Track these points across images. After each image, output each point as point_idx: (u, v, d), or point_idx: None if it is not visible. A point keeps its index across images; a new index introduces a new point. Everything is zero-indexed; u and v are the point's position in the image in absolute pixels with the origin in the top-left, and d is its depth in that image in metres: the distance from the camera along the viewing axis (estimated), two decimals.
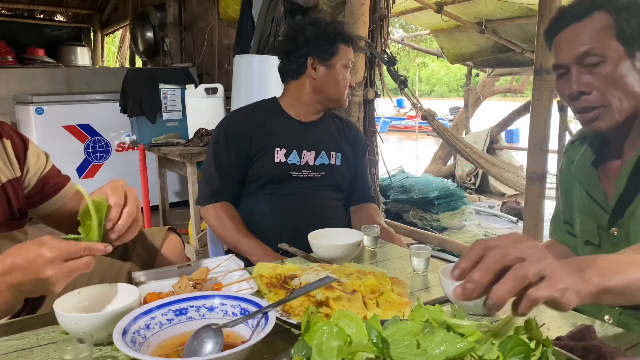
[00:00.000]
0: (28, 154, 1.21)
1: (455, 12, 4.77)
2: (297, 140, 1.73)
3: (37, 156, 1.23)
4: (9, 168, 1.17)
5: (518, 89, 8.16)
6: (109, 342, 0.85)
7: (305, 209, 1.70)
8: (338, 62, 1.71)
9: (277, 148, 1.69)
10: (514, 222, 4.74)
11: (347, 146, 1.84)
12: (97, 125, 4.54)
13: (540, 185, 2.48)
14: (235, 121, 1.76)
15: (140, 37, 6.41)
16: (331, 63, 1.71)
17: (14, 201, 1.16)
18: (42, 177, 1.23)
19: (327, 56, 1.70)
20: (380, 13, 3.16)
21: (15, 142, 1.19)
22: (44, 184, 1.24)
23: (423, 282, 1.20)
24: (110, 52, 10.47)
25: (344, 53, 1.72)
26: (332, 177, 1.76)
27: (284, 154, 1.70)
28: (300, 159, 1.72)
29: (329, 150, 1.77)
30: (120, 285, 0.99)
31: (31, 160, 1.22)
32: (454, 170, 6.50)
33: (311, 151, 1.74)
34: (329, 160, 1.77)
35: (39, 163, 1.24)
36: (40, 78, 5.00)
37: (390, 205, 4.33)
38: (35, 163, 1.23)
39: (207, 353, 0.76)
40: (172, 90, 3.82)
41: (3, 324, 0.96)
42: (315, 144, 1.74)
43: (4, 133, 1.18)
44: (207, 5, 5.19)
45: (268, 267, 1.14)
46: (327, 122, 1.83)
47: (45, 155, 1.27)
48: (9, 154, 1.17)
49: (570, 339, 0.80)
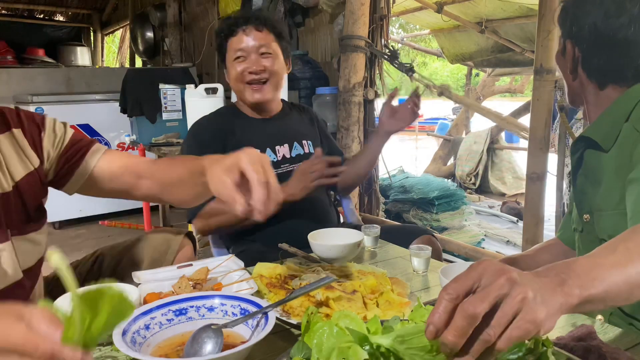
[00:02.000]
0: (43, 137, 1.13)
1: (455, 12, 4.77)
2: (266, 138, 1.73)
3: (54, 134, 1.15)
4: (24, 161, 1.09)
5: (518, 89, 8.16)
6: (109, 342, 0.84)
7: (295, 203, 1.71)
8: (229, 59, 1.71)
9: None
10: (514, 222, 4.73)
11: (312, 131, 1.86)
12: (97, 125, 4.54)
13: (540, 185, 2.48)
14: (205, 131, 1.74)
15: (140, 37, 6.42)
16: (227, 63, 1.73)
17: (30, 200, 1.10)
18: (62, 153, 1.16)
19: (223, 58, 1.73)
20: (380, 13, 3.16)
21: (27, 129, 1.11)
22: (65, 160, 1.16)
23: (423, 282, 1.20)
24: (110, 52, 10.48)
25: (232, 45, 1.69)
26: None
27: None
28: (276, 155, 1.73)
29: (300, 140, 1.78)
30: (120, 285, 0.98)
31: (47, 143, 1.14)
32: (454, 170, 6.50)
33: (284, 144, 1.75)
34: (303, 150, 1.78)
35: (57, 140, 1.15)
36: (40, 78, 5.01)
37: (390, 205, 4.32)
38: (53, 143, 1.15)
39: (207, 353, 0.76)
40: (172, 90, 3.82)
41: None
42: (286, 137, 1.75)
43: (12, 122, 1.10)
44: (207, 5, 5.19)
45: (268, 267, 1.14)
46: (289, 113, 1.85)
47: (62, 127, 1.18)
48: (22, 145, 1.09)
49: (570, 339, 0.80)
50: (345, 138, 3.19)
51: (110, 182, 1.18)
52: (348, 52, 3.11)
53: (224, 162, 0.93)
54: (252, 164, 0.89)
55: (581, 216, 1.18)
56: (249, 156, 0.91)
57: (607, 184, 1.08)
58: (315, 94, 3.43)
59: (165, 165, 1.22)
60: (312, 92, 3.47)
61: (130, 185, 1.19)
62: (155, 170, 1.19)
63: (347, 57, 3.11)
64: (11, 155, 1.08)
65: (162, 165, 1.22)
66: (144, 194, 1.21)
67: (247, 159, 0.90)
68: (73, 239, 4.20)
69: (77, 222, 4.52)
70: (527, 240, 2.54)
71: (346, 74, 3.13)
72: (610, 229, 1.05)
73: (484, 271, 0.58)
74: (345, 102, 3.16)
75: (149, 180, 1.19)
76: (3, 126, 1.08)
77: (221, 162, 0.93)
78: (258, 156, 0.92)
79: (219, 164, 0.93)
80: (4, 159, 1.06)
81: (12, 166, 1.07)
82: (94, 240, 4.17)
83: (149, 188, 1.20)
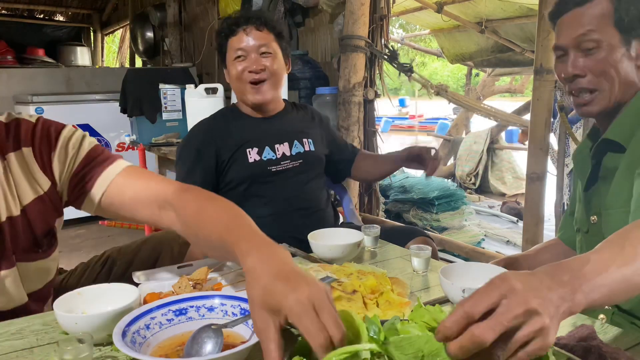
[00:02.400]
0: (53, 157, 1.03)
1: (455, 12, 4.77)
2: (266, 136, 1.75)
3: (66, 152, 1.04)
4: (32, 184, 1.02)
5: (518, 89, 8.16)
6: (109, 342, 0.84)
7: (293, 198, 1.73)
8: (229, 57, 1.72)
9: (248, 149, 1.71)
10: (514, 222, 4.73)
11: (314, 130, 1.87)
12: (97, 125, 4.54)
13: (540, 185, 2.48)
14: (196, 137, 1.76)
15: (140, 37, 6.41)
16: (227, 62, 1.73)
17: (39, 225, 1.02)
18: (75, 172, 1.05)
19: (223, 58, 1.74)
20: (380, 13, 3.16)
21: (38, 148, 1.02)
22: (78, 180, 1.05)
23: (423, 282, 1.20)
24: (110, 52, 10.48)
25: (232, 45, 1.71)
26: (310, 163, 1.80)
27: (257, 152, 1.72)
28: (275, 153, 1.74)
29: (300, 138, 1.80)
30: (120, 285, 0.98)
31: (57, 163, 1.04)
32: (454, 170, 6.50)
33: (284, 143, 1.76)
34: (304, 148, 1.80)
35: (69, 160, 1.05)
36: (40, 78, 5.00)
37: (390, 205, 4.32)
38: (65, 163, 1.04)
39: (207, 353, 0.76)
40: (172, 90, 3.81)
41: (3, 324, 0.96)
42: (286, 135, 1.77)
43: (25, 139, 1.01)
44: (207, 5, 5.19)
45: None
46: (290, 112, 1.86)
47: (77, 144, 1.05)
48: (30, 167, 1.01)
49: (570, 339, 0.80)
50: (345, 138, 3.19)
51: (122, 210, 1.07)
52: (348, 52, 3.11)
53: (270, 298, 0.69)
54: (302, 317, 0.66)
55: (588, 217, 1.17)
56: (298, 303, 0.66)
57: (617, 182, 1.08)
58: (315, 94, 3.43)
59: (196, 207, 1.00)
60: (312, 92, 3.47)
61: (148, 216, 1.05)
62: (182, 207, 1.01)
63: (347, 57, 3.11)
64: (20, 177, 1.01)
65: (191, 202, 1.01)
66: (169, 227, 1.05)
67: (295, 309, 0.66)
68: (73, 239, 4.20)
69: (77, 222, 4.52)
70: (527, 240, 2.54)
71: (346, 74, 3.13)
72: (618, 228, 1.05)
73: (506, 294, 0.58)
74: (345, 102, 3.16)
75: (173, 213, 1.02)
76: (15, 143, 1.01)
77: (268, 293, 0.70)
78: (311, 298, 0.67)
79: (264, 291, 0.71)
80: (14, 180, 1.00)
81: (21, 189, 1.01)
82: (94, 240, 4.17)
83: (171, 222, 1.04)
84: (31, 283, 1.05)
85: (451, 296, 0.99)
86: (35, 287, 1.06)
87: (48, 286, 1.10)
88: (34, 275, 1.05)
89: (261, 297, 0.70)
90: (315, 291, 0.68)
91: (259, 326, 0.69)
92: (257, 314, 0.70)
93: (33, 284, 1.05)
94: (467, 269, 1.07)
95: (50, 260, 1.07)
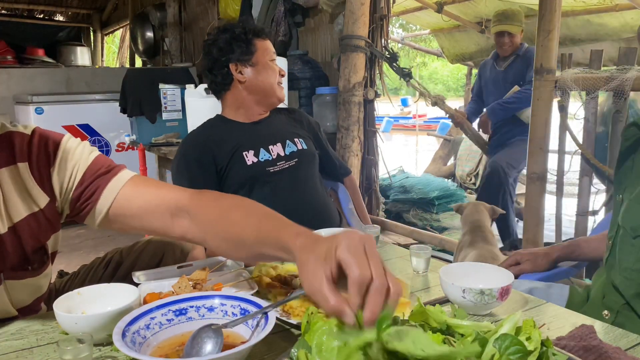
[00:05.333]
0: (52, 172, 0.98)
1: (456, 12, 4.77)
2: (259, 139, 1.79)
3: (65, 166, 1.00)
4: (26, 201, 0.97)
5: None
6: (109, 342, 0.84)
7: (294, 197, 1.76)
8: (261, 57, 1.77)
9: (244, 152, 1.74)
10: None
11: (303, 131, 1.93)
12: (97, 125, 4.55)
13: (540, 185, 2.48)
14: (192, 149, 1.77)
15: (140, 37, 6.42)
16: (254, 61, 1.76)
17: (29, 243, 0.98)
18: (76, 186, 1.00)
19: (248, 56, 1.76)
20: (380, 13, 3.16)
21: (35, 162, 0.97)
22: (80, 194, 1.01)
23: (423, 282, 1.20)
24: (110, 52, 10.48)
25: (263, 47, 1.78)
26: (306, 160, 1.84)
27: (253, 154, 1.75)
28: (271, 154, 1.78)
29: (292, 138, 1.84)
30: (120, 285, 0.98)
31: (56, 179, 0.99)
32: (454, 170, 6.49)
33: (277, 144, 1.80)
34: (297, 147, 1.83)
35: (68, 174, 1.00)
36: (40, 78, 5.01)
37: (390, 205, 4.32)
38: (64, 177, 1.00)
39: (207, 353, 0.76)
40: (172, 90, 3.82)
41: (2, 324, 0.96)
42: (277, 137, 1.81)
43: (20, 154, 0.96)
44: (207, 5, 5.19)
45: (268, 267, 1.14)
46: (276, 116, 1.91)
47: (78, 156, 1.01)
48: (26, 182, 0.96)
49: (570, 339, 0.80)
50: (345, 138, 3.19)
51: (131, 220, 1.02)
52: (348, 52, 3.11)
53: (319, 248, 0.71)
54: (353, 253, 0.66)
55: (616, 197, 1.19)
56: (349, 240, 0.68)
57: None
58: (315, 94, 3.43)
59: (218, 208, 0.97)
60: (312, 92, 3.47)
61: (159, 225, 1.01)
62: (201, 210, 0.97)
63: (347, 57, 3.11)
64: (12, 193, 0.95)
65: (211, 203, 0.99)
66: (181, 235, 1.01)
67: (347, 246, 0.67)
68: (73, 239, 4.20)
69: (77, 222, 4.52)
70: (527, 240, 2.54)
71: (346, 73, 3.13)
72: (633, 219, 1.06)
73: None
74: (345, 102, 3.16)
75: (186, 220, 0.98)
76: (9, 157, 0.96)
77: (315, 250, 0.71)
78: (360, 240, 0.69)
79: (312, 252, 0.71)
80: (3, 196, 0.95)
81: (12, 205, 0.95)
82: (93, 240, 4.16)
83: (185, 230, 0.99)
84: (20, 299, 1.02)
85: (451, 296, 0.99)
86: (25, 303, 1.03)
87: (38, 301, 1.07)
88: (23, 292, 1.02)
89: (313, 250, 0.71)
90: (368, 237, 0.70)
91: (310, 279, 0.68)
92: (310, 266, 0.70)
93: (22, 300, 1.02)
94: (467, 269, 1.07)
95: (41, 278, 1.03)
